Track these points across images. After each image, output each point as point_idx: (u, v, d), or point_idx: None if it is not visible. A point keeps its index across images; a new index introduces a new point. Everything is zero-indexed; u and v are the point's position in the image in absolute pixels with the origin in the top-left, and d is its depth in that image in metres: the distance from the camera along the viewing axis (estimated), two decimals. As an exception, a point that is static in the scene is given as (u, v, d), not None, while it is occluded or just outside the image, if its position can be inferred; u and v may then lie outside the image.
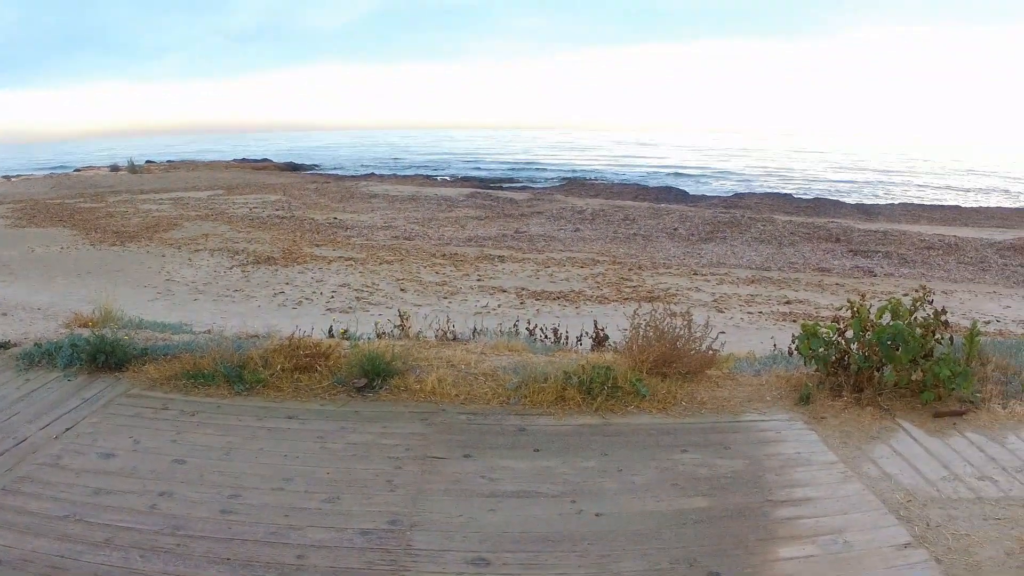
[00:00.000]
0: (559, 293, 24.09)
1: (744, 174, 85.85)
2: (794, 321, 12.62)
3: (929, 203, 60.82)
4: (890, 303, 9.51)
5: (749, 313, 22.77)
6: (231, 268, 26.42)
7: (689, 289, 25.77)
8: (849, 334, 9.51)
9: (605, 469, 7.16)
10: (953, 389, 9.31)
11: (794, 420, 8.76)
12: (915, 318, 9.51)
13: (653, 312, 9.72)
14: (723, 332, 17.25)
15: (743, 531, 6.19)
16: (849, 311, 9.52)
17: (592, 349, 11.90)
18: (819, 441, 8.21)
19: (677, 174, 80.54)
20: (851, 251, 35.22)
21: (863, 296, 10.06)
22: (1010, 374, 10.36)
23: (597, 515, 6.29)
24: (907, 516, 6.68)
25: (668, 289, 25.51)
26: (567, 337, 13.05)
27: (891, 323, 9.36)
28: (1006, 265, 33.83)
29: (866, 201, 61.20)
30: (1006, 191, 76.73)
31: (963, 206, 59.09)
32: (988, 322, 22.52)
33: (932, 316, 9.60)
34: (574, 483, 6.84)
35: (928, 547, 6.17)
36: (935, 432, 8.70)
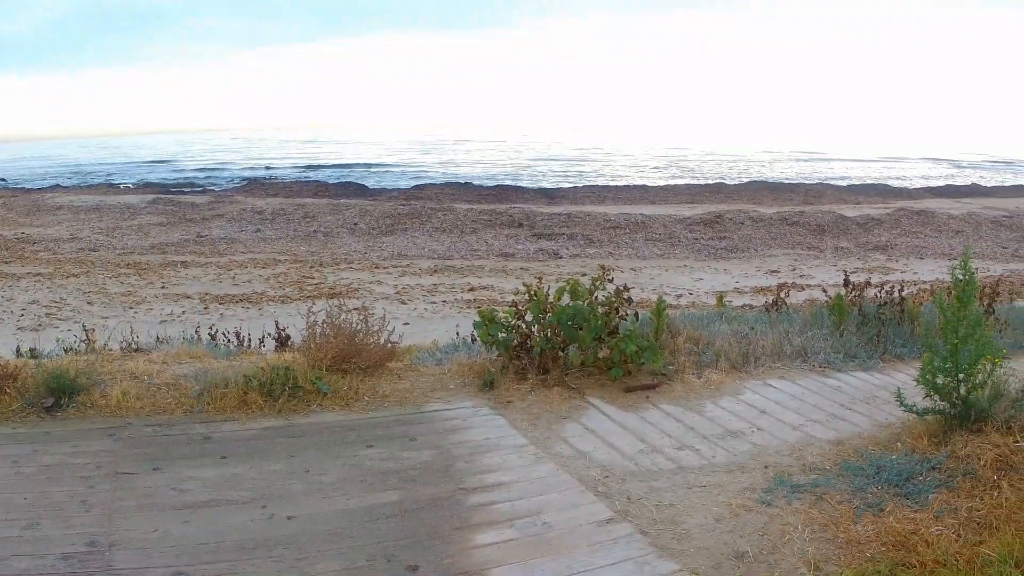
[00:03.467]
0: (242, 295, 24.01)
1: (426, 166, 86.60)
2: (479, 308, 12.85)
3: (615, 184, 62.53)
4: (568, 284, 9.65)
5: (433, 303, 23.20)
6: (-76, 294, 25.14)
7: (371, 283, 26.09)
8: (529, 317, 9.63)
9: (293, 471, 7.04)
10: (643, 364, 9.54)
11: (480, 406, 8.81)
12: (596, 297, 9.65)
13: (329, 309, 9.65)
14: (407, 324, 17.69)
15: (437, 522, 6.15)
16: (527, 295, 9.63)
17: (276, 350, 11.82)
18: (507, 425, 8.28)
19: (357, 170, 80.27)
20: (535, 235, 36.33)
21: (540, 279, 10.12)
22: (703, 345, 10.71)
23: (289, 518, 6.16)
24: (606, 492, 6.76)
25: (350, 284, 25.77)
26: (250, 340, 13.01)
27: (571, 303, 9.50)
28: (696, 239, 35.31)
29: (550, 186, 62.43)
30: (694, 171, 79.33)
31: (650, 185, 61.20)
32: (680, 295, 23.65)
33: (614, 294, 9.78)
34: (263, 488, 6.69)
35: (631, 521, 6.23)
36: (628, 407, 8.90)
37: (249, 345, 12.71)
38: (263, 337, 13.04)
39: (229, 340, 12.86)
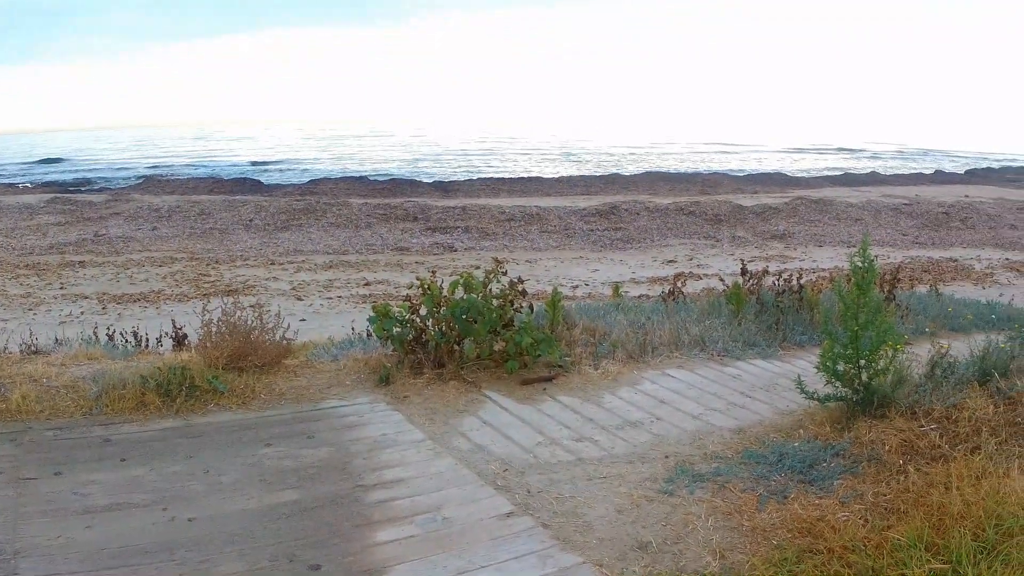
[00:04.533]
0: (139, 294, 23.74)
1: (321, 160, 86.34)
2: (374, 302, 12.82)
3: (509, 177, 62.65)
4: (462, 277, 9.72)
5: (329, 299, 23.15)
6: None
7: (267, 279, 26.04)
8: (423, 311, 9.68)
9: (192, 472, 6.94)
10: (539, 356, 9.62)
11: (376, 402, 8.82)
12: (490, 290, 9.72)
13: (224, 307, 9.56)
14: (303, 320, 17.80)
15: (338, 520, 6.12)
16: (421, 289, 9.69)
17: (173, 349, 11.69)
18: (404, 420, 8.29)
19: (252, 167, 79.42)
20: (430, 228, 36.44)
21: (434, 273, 10.19)
22: (599, 336, 10.83)
23: (190, 520, 6.07)
24: (506, 486, 6.79)
25: (246, 281, 25.66)
26: (147, 339, 12.91)
27: (465, 297, 9.55)
28: (591, 231, 35.54)
29: (444, 179, 62.41)
30: (589, 162, 79.86)
31: (545, 177, 61.57)
32: (576, 287, 23.65)
33: (509, 286, 9.84)
34: (163, 490, 6.60)
35: (532, 514, 6.25)
36: (525, 400, 8.96)
37: (147, 345, 12.62)
38: (160, 336, 12.97)
39: (127, 340, 12.76)
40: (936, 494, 5.61)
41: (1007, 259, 31.35)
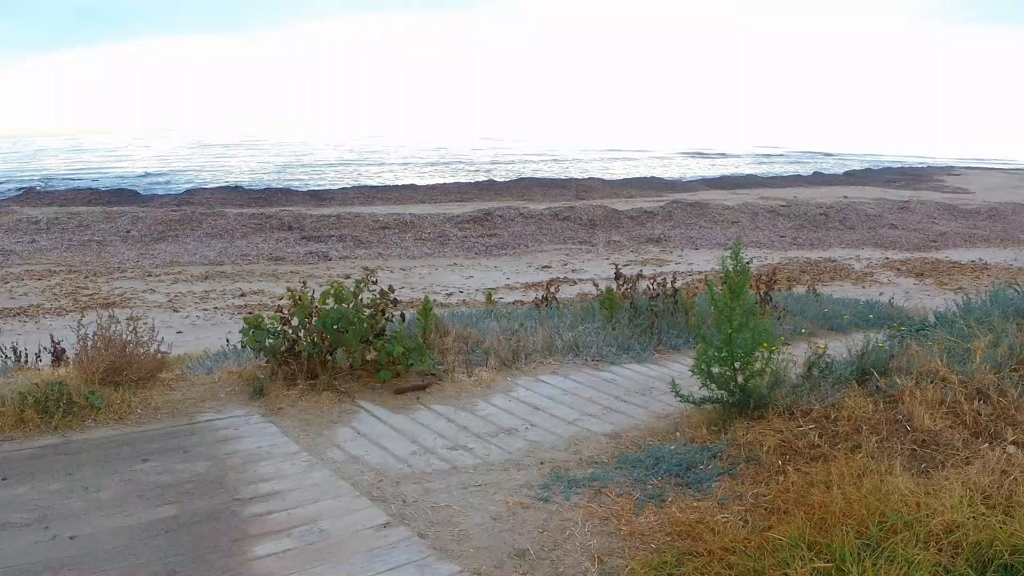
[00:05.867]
0: (19, 309, 23.55)
1: (196, 170, 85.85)
2: (251, 313, 12.73)
3: (384, 184, 63.20)
4: (332, 287, 9.73)
5: (205, 310, 23.19)
6: None
7: (144, 291, 25.92)
8: (295, 322, 9.67)
9: (72, 489, 6.86)
10: (411, 365, 9.67)
11: (251, 414, 8.81)
12: (361, 299, 9.75)
13: (100, 320, 9.43)
14: (180, 332, 17.79)
15: (216, 534, 6.08)
16: (292, 299, 9.70)
17: (52, 365, 11.64)
18: (279, 432, 8.28)
19: (128, 178, 78.44)
20: (304, 237, 36.70)
21: (304, 283, 10.24)
22: (472, 343, 10.88)
23: (71, 538, 6.00)
24: (381, 496, 6.82)
25: (124, 293, 25.55)
26: (27, 355, 12.80)
27: (335, 307, 9.58)
28: (466, 237, 36.10)
29: (318, 188, 62.38)
30: (464, 169, 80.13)
31: (419, 184, 61.94)
32: (451, 294, 23.73)
33: (380, 295, 9.91)
34: (44, 508, 6.51)
35: (408, 524, 6.28)
36: (399, 409, 9.01)
37: (26, 361, 12.58)
38: (39, 352, 12.91)
39: (6, 356, 12.72)
40: (817, 493, 5.72)
41: (887, 258, 32.12)
